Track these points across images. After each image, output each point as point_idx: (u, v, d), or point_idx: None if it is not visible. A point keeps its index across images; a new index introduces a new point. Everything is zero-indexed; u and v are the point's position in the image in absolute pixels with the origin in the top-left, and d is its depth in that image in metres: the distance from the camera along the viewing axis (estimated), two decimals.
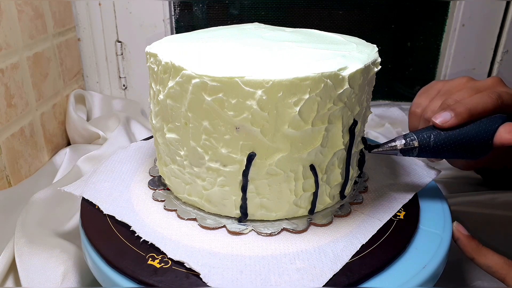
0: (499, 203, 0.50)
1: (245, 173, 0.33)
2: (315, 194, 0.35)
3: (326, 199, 0.36)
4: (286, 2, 0.77)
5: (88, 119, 0.72)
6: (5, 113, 0.51)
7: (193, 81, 0.31)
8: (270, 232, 0.34)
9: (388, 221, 0.36)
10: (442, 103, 0.40)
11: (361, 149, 0.38)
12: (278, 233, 0.34)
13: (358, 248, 0.32)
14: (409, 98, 0.83)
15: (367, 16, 0.79)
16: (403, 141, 0.36)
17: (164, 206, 0.38)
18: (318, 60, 0.33)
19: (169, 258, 0.31)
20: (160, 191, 0.40)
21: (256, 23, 0.47)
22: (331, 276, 0.30)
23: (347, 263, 0.31)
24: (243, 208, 0.35)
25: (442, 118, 0.36)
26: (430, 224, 0.36)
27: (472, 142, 0.36)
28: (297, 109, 0.31)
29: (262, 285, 0.29)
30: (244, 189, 0.34)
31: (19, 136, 0.54)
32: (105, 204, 0.37)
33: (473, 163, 0.45)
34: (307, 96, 0.30)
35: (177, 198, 0.38)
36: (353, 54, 0.35)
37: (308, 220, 0.35)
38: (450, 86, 0.43)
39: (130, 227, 0.34)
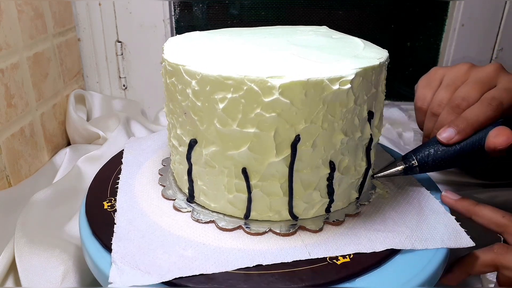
0: (499, 202, 0.50)
1: (188, 157, 0.35)
2: (249, 199, 0.34)
3: (264, 210, 0.34)
4: (286, 2, 0.77)
5: (88, 119, 0.72)
6: (5, 113, 0.51)
7: (163, 63, 0.36)
8: (198, 218, 0.35)
9: (318, 259, 0.31)
10: (449, 104, 0.40)
11: (328, 175, 0.34)
12: (206, 222, 0.35)
13: (243, 267, 0.30)
14: (409, 98, 0.83)
15: (367, 16, 0.79)
16: (404, 165, 0.40)
17: (159, 170, 0.43)
18: (279, 65, 0.32)
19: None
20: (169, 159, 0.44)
21: (325, 26, 0.46)
22: (192, 274, 0.29)
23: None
24: (190, 190, 0.37)
25: (447, 135, 0.38)
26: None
27: (469, 153, 0.38)
28: (222, 106, 0.31)
29: (143, 254, 0.31)
30: (188, 171, 0.36)
31: (19, 136, 0.54)
32: (126, 159, 0.45)
33: None
34: (230, 96, 0.31)
35: None
36: (324, 66, 0.32)
37: (243, 224, 0.35)
38: (453, 76, 0.42)
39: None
